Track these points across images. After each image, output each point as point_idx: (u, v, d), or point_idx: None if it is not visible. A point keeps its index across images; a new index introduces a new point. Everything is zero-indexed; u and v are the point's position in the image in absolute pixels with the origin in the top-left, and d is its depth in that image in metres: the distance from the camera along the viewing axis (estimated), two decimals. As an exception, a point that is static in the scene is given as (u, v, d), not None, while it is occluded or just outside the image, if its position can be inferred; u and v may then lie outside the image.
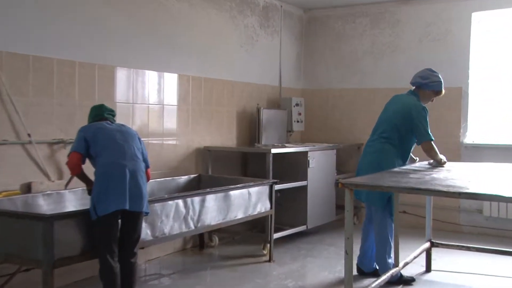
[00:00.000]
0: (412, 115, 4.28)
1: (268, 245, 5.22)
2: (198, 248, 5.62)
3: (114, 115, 3.82)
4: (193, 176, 5.51)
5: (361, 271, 4.65)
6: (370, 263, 4.63)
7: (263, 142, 6.23)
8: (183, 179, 5.37)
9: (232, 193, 4.70)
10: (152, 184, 4.86)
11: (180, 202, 4.16)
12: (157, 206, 3.95)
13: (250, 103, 6.46)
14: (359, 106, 7.22)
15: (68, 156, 3.56)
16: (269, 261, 5.18)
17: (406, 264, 4.33)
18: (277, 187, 5.34)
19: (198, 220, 4.33)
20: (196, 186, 5.43)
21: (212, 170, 5.77)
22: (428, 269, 4.89)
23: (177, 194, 4.30)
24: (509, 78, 6.47)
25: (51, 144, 4.22)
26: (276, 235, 5.39)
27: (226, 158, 6.09)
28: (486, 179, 3.61)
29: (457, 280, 4.68)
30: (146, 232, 3.83)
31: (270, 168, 5.40)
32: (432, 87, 4.43)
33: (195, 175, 5.55)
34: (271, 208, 5.16)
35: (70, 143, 3.93)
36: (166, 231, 4.03)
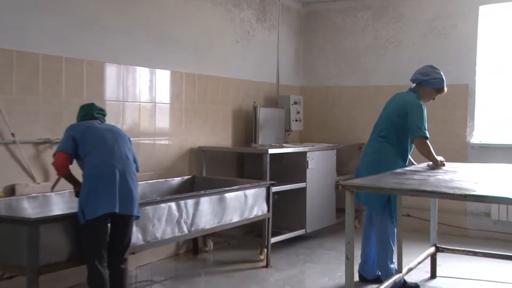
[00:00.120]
0: (406, 111, 4.29)
1: (265, 250, 5.22)
2: (191, 253, 5.61)
3: (104, 115, 3.82)
4: (186, 177, 5.51)
5: (363, 278, 4.64)
6: (373, 270, 4.63)
7: (260, 142, 6.22)
8: (176, 181, 5.37)
9: (227, 195, 4.69)
10: (143, 186, 4.86)
11: (173, 205, 4.16)
12: (148, 209, 3.94)
13: (246, 101, 6.45)
14: (361, 104, 7.22)
15: (54, 155, 3.55)
16: (266, 266, 5.17)
17: (410, 270, 4.33)
18: (274, 189, 5.33)
19: (191, 224, 4.33)
20: (189, 188, 5.42)
21: (206, 171, 5.77)
22: (433, 275, 4.89)
23: (169, 197, 4.30)
24: (517, 75, 6.49)
25: (37, 144, 4.20)
26: (273, 240, 5.38)
27: (221, 159, 6.08)
28: (494, 181, 3.60)
29: (463, 287, 4.68)
30: (137, 236, 3.82)
31: (267, 169, 5.40)
32: (432, 84, 4.42)
33: (189, 177, 5.54)
34: (268, 211, 5.16)
35: (57, 143, 3.90)
36: (158, 236, 4.03)
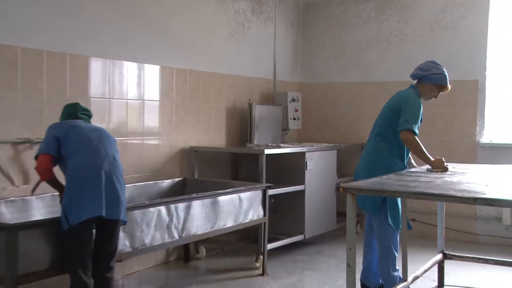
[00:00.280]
0: (400, 106, 4.29)
1: (261, 257, 5.21)
2: (183, 260, 5.60)
3: (89, 116, 3.82)
4: (177, 179, 5.50)
5: (365, 287, 4.63)
6: (376, 278, 4.61)
7: (256, 141, 6.22)
8: (166, 183, 5.36)
9: (221, 198, 4.68)
10: (131, 189, 4.85)
11: (162, 209, 4.15)
12: (136, 213, 3.92)
13: (241, 99, 6.44)
14: (363, 101, 7.22)
15: (36, 158, 3.52)
16: (262, 274, 5.17)
17: (415, 278, 4.32)
18: (271, 192, 5.33)
19: (183, 229, 4.32)
20: (180, 191, 5.42)
21: (198, 173, 5.76)
22: (440, 284, 4.88)
23: (159, 200, 4.29)
24: (530, 70, 6.49)
25: (15, 144, 4.18)
26: (270, 246, 5.39)
27: (214, 160, 6.07)
28: (505, 183, 3.60)
29: (472, 296, 4.69)
30: (124, 243, 3.81)
31: (264, 170, 5.39)
32: (433, 80, 4.41)
33: (180, 179, 5.54)
34: (265, 215, 5.16)
35: (38, 143, 3.90)
36: (147, 242, 4.01)
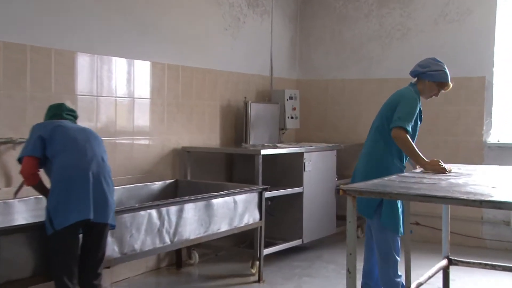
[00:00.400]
0: (397, 104, 4.30)
1: (257, 262, 5.21)
2: (174, 266, 5.59)
3: (75, 117, 3.81)
4: (169, 181, 5.50)
5: (366, 294, 4.63)
6: (377, 285, 4.61)
7: (251, 141, 6.22)
8: (157, 186, 5.36)
9: (215, 201, 4.68)
10: (120, 191, 4.84)
11: (153, 212, 4.14)
12: (126, 217, 3.92)
13: (236, 96, 6.44)
14: (364, 99, 7.21)
15: (20, 161, 3.50)
16: (258, 281, 5.17)
17: (419, 285, 4.31)
18: (267, 195, 5.32)
19: (174, 233, 4.31)
20: (172, 193, 5.42)
21: (191, 175, 5.76)
22: (445, 290, 4.88)
23: (150, 203, 4.28)
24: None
25: (-3, 144, 4.18)
26: (266, 251, 5.38)
27: (207, 161, 6.07)
28: (513, 185, 3.59)
29: (479, 303, 4.68)
30: (112, 248, 3.80)
31: (260, 172, 5.39)
32: (432, 77, 4.41)
33: (172, 181, 5.53)
34: (261, 219, 5.15)
35: (21, 143, 3.88)
36: (137, 247, 4.01)
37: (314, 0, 7.58)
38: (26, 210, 4.12)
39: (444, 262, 4.83)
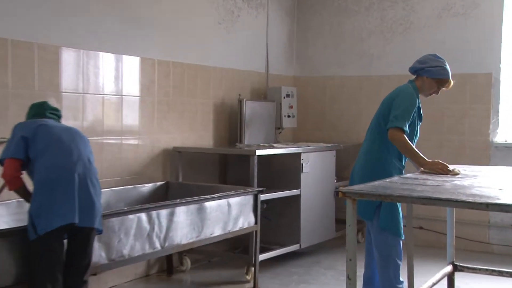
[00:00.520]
0: (394, 101, 4.31)
1: (252, 268, 5.22)
2: (165, 273, 5.59)
3: (59, 116, 3.80)
4: (159, 183, 5.51)
5: (367, 302, 4.63)
6: (379, 292, 4.62)
7: (246, 141, 6.23)
8: (147, 188, 5.36)
9: (207, 204, 4.68)
10: (107, 193, 4.84)
11: (143, 216, 4.14)
12: (113, 221, 3.91)
13: (230, 94, 6.44)
14: (364, 97, 7.22)
15: (1, 163, 3.49)
16: (253, 289, 5.18)
17: (422, 292, 4.32)
18: (263, 197, 5.34)
19: (165, 238, 4.31)
20: (163, 196, 5.42)
21: (183, 177, 5.76)
22: (450, 298, 4.89)
23: (139, 206, 4.27)
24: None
25: (-22, 144, 4.16)
26: (262, 257, 5.38)
27: (200, 162, 6.07)
28: (521, 187, 3.59)
29: (485, 311, 4.69)
30: (99, 254, 3.79)
31: (255, 173, 5.39)
32: (430, 74, 4.42)
33: (162, 183, 5.54)
34: (256, 223, 5.16)
35: (2, 144, 3.86)
36: (125, 253, 4.00)
37: (312, -8, 7.60)
38: (7, 214, 4.10)
39: (448, 268, 4.84)
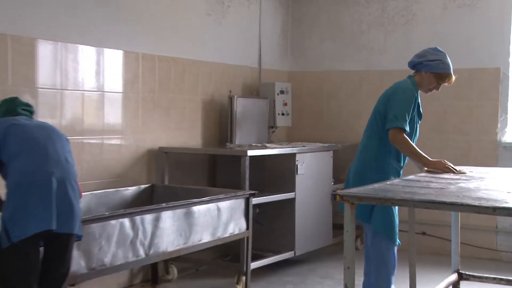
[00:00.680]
0: (391, 97, 4.33)
1: (243, 277, 5.22)
2: (150, 283, 5.58)
3: (31, 112, 3.79)
4: (144, 186, 5.50)
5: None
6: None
7: (237, 141, 6.23)
8: (131, 191, 5.36)
9: (195, 209, 4.68)
10: (88, 197, 4.83)
11: (126, 221, 4.14)
12: (94, 227, 3.91)
13: (220, 90, 6.44)
14: (364, 94, 7.22)
15: None
16: (245, 299, 5.18)
17: (426, 302, 4.33)
18: (255, 201, 5.34)
19: (150, 245, 4.31)
20: (147, 200, 5.41)
21: (169, 179, 5.76)
22: (455, 308, 4.90)
23: (122, 211, 4.27)
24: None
25: None
26: (254, 265, 5.40)
27: (188, 163, 6.07)
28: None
29: (493, 323, 4.70)
30: (78, 262, 3.79)
31: (246, 175, 5.40)
32: (429, 68, 4.44)
33: (147, 186, 5.54)
34: (248, 228, 5.17)
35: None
36: (107, 261, 4.00)
37: (308, -18, 7.61)
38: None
39: (454, 277, 4.85)
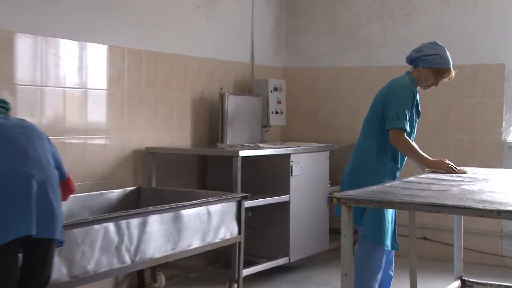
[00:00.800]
0: (388, 95, 4.34)
1: (235, 285, 5.21)
2: (136, 291, 5.57)
3: (7, 109, 3.76)
4: (129, 189, 5.50)
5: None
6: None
7: (229, 141, 6.23)
8: (116, 194, 5.35)
9: (184, 212, 4.67)
10: (70, 200, 4.76)
11: (110, 226, 4.13)
12: (76, 232, 3.89)
13: (210, 87, 6.44)
14: (363, 91, 7.22)
15: None
16: (236, 308, 5.18)
17: (427, 310, 4.33)
18: (247, 204, 5.34)
19: (136, 251, 4.30)
20: (134, 203, 5.41)
21: (156, 181, 5.76)
22: (458, 317, 4.90)
23: (106, 215, 4.27)
24: None
25: None
26: (246, 271, 5.40)
27: (176, 164, 6.07)
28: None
29: (497, 332, 4.71)
30: (60, 270, 3.77)
31: (238, 177, 5.40)
32: (426, 63, 4.47)
33: (133, 188, 5.54)
34: (240, 233, 5.17)
35: None
36: (90, 268, 3.99)
37: (303, -27, 7.61)
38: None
39: (456, 284, 4.85)
